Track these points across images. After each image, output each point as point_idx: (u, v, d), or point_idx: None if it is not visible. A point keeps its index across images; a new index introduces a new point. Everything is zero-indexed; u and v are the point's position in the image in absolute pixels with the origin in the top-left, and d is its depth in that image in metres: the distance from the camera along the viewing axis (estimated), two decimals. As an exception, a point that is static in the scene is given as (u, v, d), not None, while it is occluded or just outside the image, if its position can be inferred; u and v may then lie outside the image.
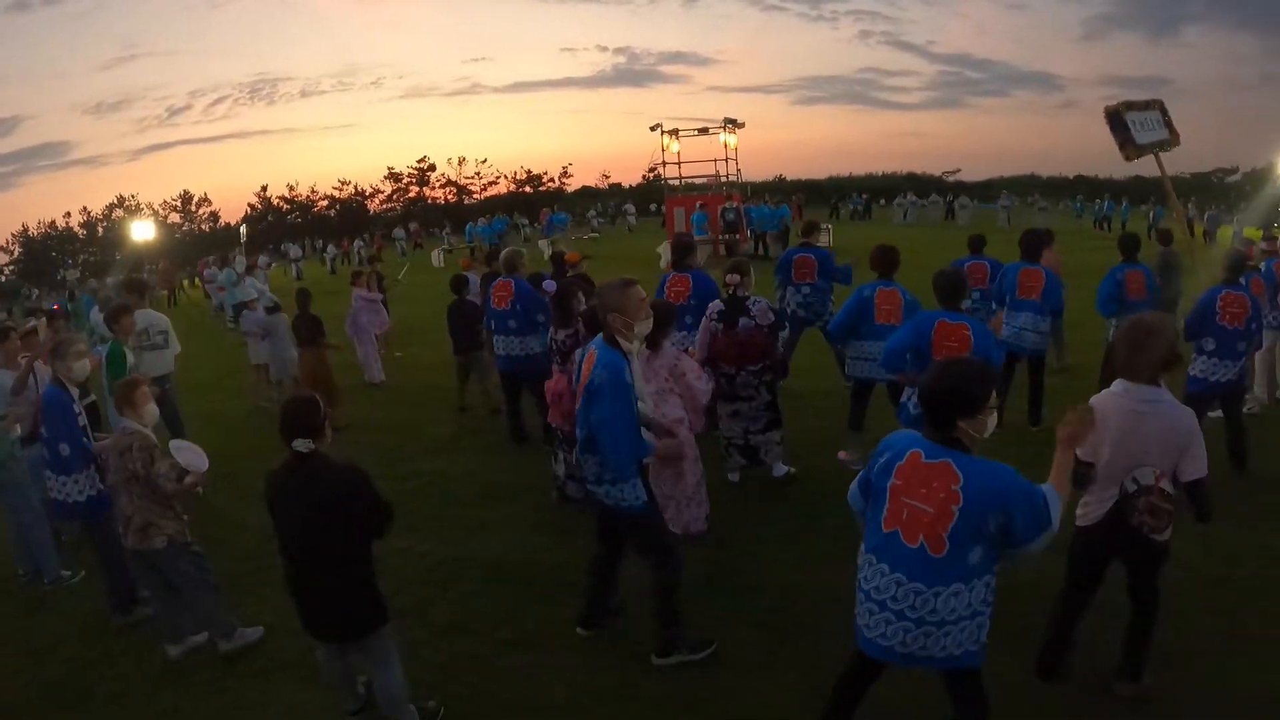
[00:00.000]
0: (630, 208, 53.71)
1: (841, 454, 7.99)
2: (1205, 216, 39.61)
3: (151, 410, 5.40)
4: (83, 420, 5.83)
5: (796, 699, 4.59)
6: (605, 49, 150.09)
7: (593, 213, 52.09)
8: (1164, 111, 8.63)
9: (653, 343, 5.94)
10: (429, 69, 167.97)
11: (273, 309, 11.98)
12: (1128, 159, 7.88)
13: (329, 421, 4.14)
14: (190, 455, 5.24)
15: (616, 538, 5.11)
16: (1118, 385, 4.14)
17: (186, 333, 18.48)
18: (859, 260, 9.27)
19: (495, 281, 9.09)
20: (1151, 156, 8.57)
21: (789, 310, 10.23)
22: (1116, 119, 7.81)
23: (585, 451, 4.75)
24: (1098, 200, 46.76)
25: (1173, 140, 8.73)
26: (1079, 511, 4.30)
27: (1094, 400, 4.13)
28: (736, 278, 7.29)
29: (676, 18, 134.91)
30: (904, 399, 6.65)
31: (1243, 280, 7.47)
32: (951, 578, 3.32)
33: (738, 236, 27.24)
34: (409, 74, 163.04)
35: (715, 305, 7.31)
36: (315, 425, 4.03)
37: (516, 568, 6.34)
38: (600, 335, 4.74)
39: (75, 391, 5.93)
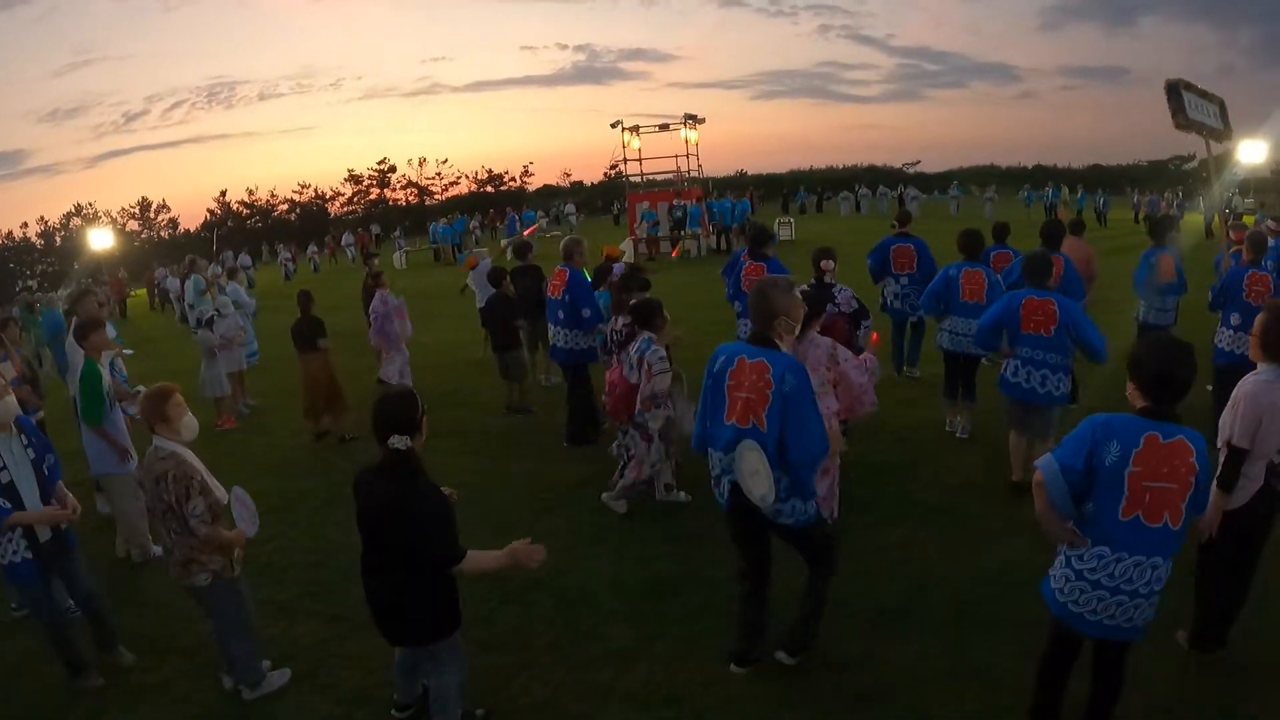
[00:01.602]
0: (571, 208, 52.96)
1: (949, 425, 8.60)
2: (1146, 201, 40.32)
3: (190, 423, 4.75)
4: (7, 476, 4.78)
5: (772, 689, 4.66)
6: (565, 47, 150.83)
7: (540, 212, 51.64)
8: (1223, 109, 8.87)
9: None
10: (388, 69, 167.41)
11: (198, 323, 11.36)
12: (1177, 126, 8.16)
13: (425, 421, 3.92)
14: (244, 512, 4.74)
15: (766, 561, 4.80)
16: (1265, 370, 4.34)
17: (142, 345, 18.28)
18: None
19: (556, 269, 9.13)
20: (1200, 137, 8.86)
21: (886, 303, 10.21)
22: (1174, 90, 8.07)
23: (780, 467, 4.31)
24: (1046, 188, 47.55)
25: (1226, 133, 8.98)
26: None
27: (1242, 383, 4.37)
28: (831, 264, 7.61)
29: (636, 14, 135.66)
30: (1001, 371, 6.92)
31: (1266, 262, 8.10)
32: (1177, 546, 3.52)
33: (684, 234, 27.59)
34: (368, 74, 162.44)
35: (801, 290, 7.44)
36: (413, 422, 3.84)
37: (490, 569, 6.35)
38: (747, 340, 4.49)
39: (4, 438, 4.86)
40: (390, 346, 12.09)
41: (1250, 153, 11.00)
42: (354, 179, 78.61)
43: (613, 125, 29.60)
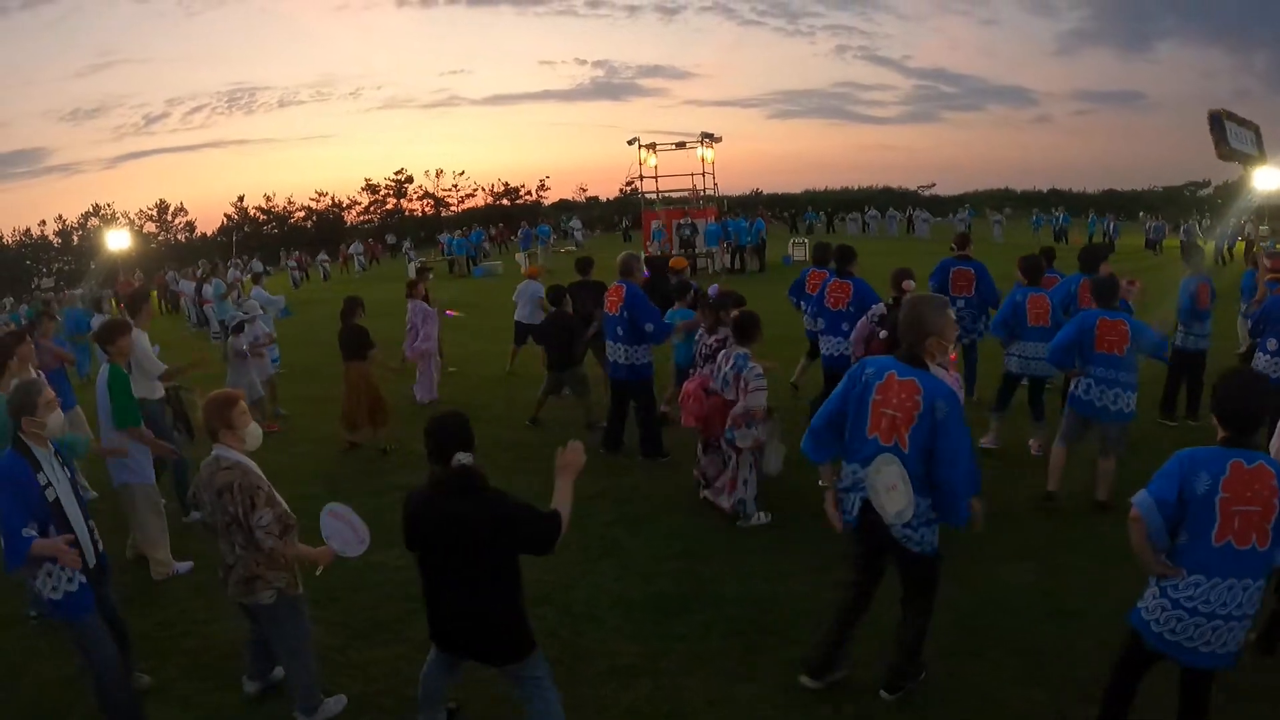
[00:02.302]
0: (577, 223, 52.29)
1: (986, 440, 8.59)
2: (1149, 226, 40.11)
3: (255, 432, 4.49)
4: (52, 494, 4.39)
5: (775, 709, 4.65)
6: (584, 62, 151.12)
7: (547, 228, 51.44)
8: (1259, 134, 8.94)
9: None
10: (407, 80, 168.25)
11: (230, 329, 11.08)
12: (1220, 156, 8.27)
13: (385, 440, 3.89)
14: (341, 532, 4.43)
15: (877, 584, 4.70)
16: None
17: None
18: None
19: (612, 285, 9.02)
20: (1240, 165, 8.96)
21: None
22: (1217, 120, 8.15)
23: (921, 491, 4.25)
24: (1056, 211, 47.45)
25: (1261, 159, 9.06)
26: None
27: None
28: (912, 283, 7.81)
29: (654, 31, 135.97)
30: (1073, 389, 7.13)
31: None
32: (1265, 569, 3.61)
33: (694, 251, 27.69)
34: (387, 85, 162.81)
35: (878, 309, 7.71)
36: (472, 437, 3.86)
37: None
38: (894, 356, 4.40)
39: (45, 454, 4.47)
40: (423, 360, 11.94)
41: (1266, 179, 10.93)
42: (371, 188, 78.95)
43: (630, 142, 29.74)
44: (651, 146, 29.79)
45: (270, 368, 11.71)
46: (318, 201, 78.47)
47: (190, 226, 77.66)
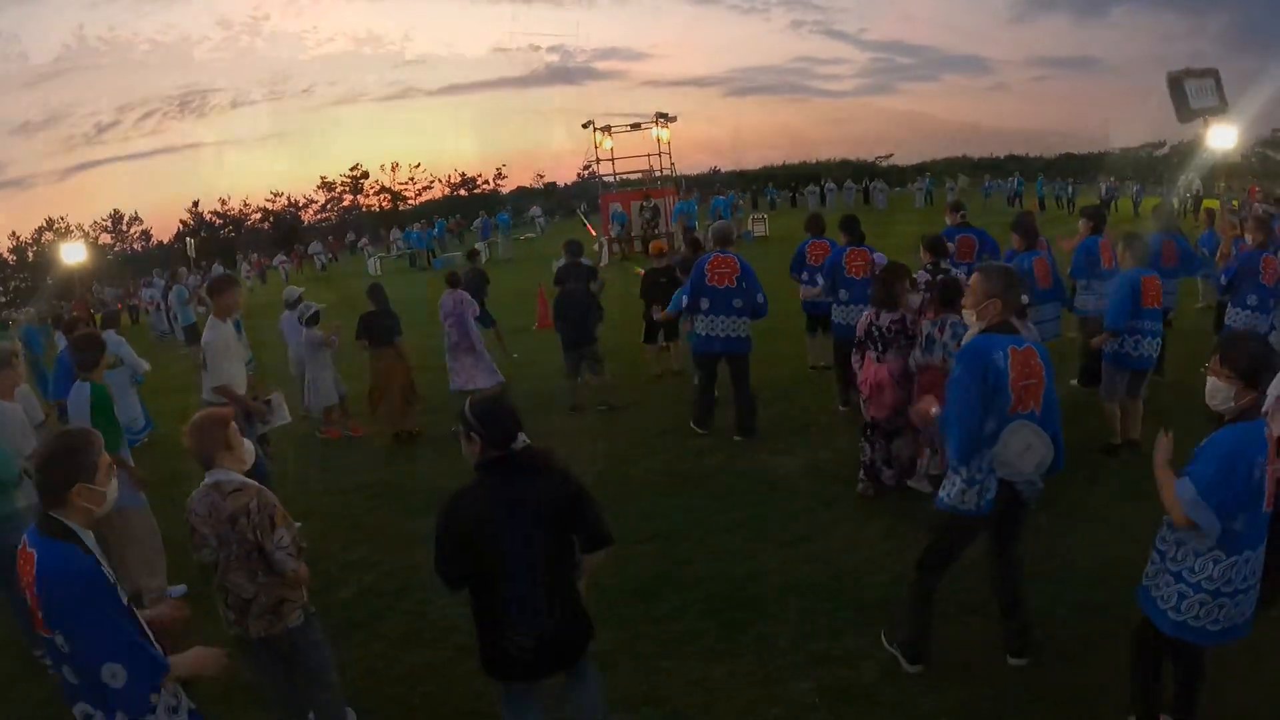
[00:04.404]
0: (537, 210, 51.41)
1: None
2: (1103, 188, 40.71)
3: (250, 447, 4.05)
4: (124, 595, 3.16)
5: (753, 686, 4.69)
6: (538, 47, 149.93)
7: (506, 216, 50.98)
8: (1218, 81, 8.99)
9: None
10: (360, 75, 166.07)
11: (307, 320, 10.50)
12: (1181, 121, 8.35)
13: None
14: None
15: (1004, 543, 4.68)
16: None
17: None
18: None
19: (710, 258, 8.62)
20: (1199, 122, 9.04)
21: None
22: (1176, 85, 8.22)
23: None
24: (1011, 178, 48.13)
25: (1222, 107, 9.12)
26: None
27: None
28: (952, 247, 8.47)
29: (609, 14, 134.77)
30: (1119, 348, 7.41)
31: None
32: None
33: (657, 231, 27.75)
34: (340, 80, 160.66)
35: (922, 275, 7.82)
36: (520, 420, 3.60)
37: (469, 574, 6.31)
38: (995, 331, 4.39)
39: (89, 537, 3.11)
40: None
41: (1220, 138, 11.05)
42: (326, 186, 78.23)
43: (584, 126, 29.68)
44: (607, 129, 29.75)
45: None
46: (274, 202, 77.69)
47: (146, 235, 76.60)
